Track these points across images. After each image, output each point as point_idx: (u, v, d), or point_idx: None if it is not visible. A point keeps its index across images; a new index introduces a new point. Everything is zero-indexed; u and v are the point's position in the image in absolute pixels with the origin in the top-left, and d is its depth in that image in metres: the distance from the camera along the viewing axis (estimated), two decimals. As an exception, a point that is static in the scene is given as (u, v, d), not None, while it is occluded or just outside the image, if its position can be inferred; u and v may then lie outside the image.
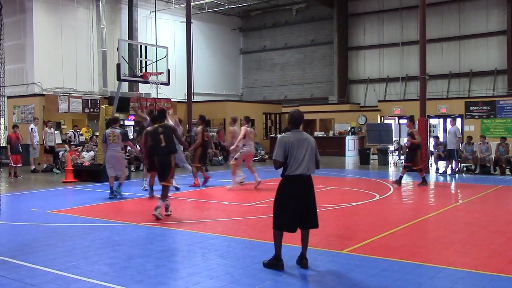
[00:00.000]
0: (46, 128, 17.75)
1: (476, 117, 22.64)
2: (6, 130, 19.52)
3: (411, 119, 13.91)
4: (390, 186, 13.09)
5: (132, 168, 16.70)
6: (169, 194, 9.14)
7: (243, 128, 12.56)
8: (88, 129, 20.79)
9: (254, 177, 12.60)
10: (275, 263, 5.47)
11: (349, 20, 31.39)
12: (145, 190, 11.89)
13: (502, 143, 16.60)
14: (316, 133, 27.78)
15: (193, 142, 14.80)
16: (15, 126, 16.92)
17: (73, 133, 19.86)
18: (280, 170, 5.64)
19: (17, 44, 23.71)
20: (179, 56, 25.13)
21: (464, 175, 16.24)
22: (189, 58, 22.30)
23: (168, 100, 24.73)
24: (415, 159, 12.90)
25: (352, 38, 31.37)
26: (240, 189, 12.30)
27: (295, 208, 5.42)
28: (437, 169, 17.16)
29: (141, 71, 15.12)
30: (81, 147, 18.21)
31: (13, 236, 7.38)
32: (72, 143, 18.94)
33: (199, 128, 13.16)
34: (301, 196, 5.46)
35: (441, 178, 15.61)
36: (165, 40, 26.23)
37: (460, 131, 15.79)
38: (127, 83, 22.57)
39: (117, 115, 14.60)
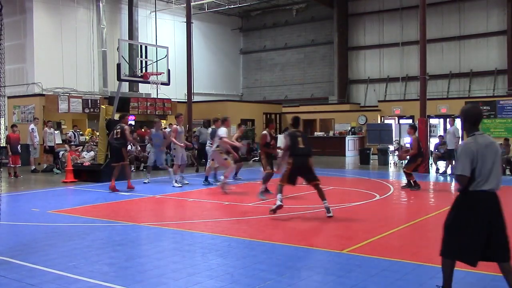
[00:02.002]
0: (46, 128, 17.75)
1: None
2: (6, 130, 19.52)
3: (413, 126, 13.50)
4: (390, 186, 13.09)
5: (132, 168, 16.69)
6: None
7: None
8: (94, 132, 20.62)
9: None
10: None
11: (349, 20, 31.38)
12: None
13: (504, 144, 16.58)
14: (316, 133, 27.81)
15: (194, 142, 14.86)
16: (14, 126, 16.89)
17: (73, 133, 19.85)
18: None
19: (17, 44, 23.71)
20: (179, 56, 25.13)
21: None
22: (189, 58, 22.30)
23: (168, 100, 24.76)
24: (410, 164, 12.63)
25: (352, 38, 31.36)
26: (240, 189, 12.29)
27: (479, 234, 4.25)
28: (437, 169, 17.16)
29: (141, 71, 15.12)
30: (81, 147, 18.21)
31: (13, 236, 7.38)
32: (72, 143, 18.94)
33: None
34: (489, 218, 4.27)
35: (441, 178, 15.60)
36: (165, 40, 26.22)
37: (460, 131, 15.77)
38: (127, 83, 22.57)
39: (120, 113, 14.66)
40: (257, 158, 22.39)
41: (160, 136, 14.05)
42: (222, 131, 12.06)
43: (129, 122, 14.99)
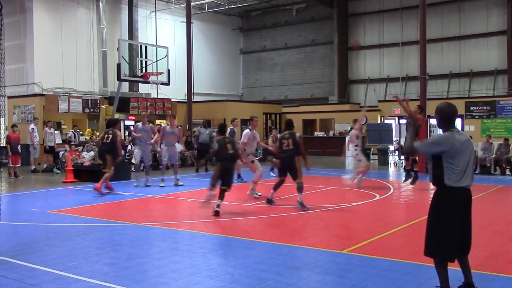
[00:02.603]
0: (46, 128, 17.75)
1: (476, 117, 22.64)
2: (6, 130, 19.53)
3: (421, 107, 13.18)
4: (390, 186, 13.09)
5: (132, 169, 16.68)
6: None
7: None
8: (94, 132, 20.63)
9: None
10: None
11: (349, 20, 31.37)
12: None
13: (504, 144, 16.58)
14: (316, 133, 27.81)
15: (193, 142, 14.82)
16: (14, 126, 16.90)
17: (73, 133, 19.85)
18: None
19: (17, 44, 23.70)
20: (179, 56, 25.13)
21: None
22: (189, 58, 22.30)
23: (168, 100, 24.76)
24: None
25: (352, 38, 31.34)
26: (240, 190, 12.27)
27: (457, 231, 4.41)
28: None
29: (141, 71, 15.15)
30: (81, 147, 18.21)
31: (13, 236, 7.38)
32: (72, 143, 18.94)
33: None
34: (465, 214, 4.47)
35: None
36: (165, 40, 26.22)
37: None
38: (127, 83, 22.57)
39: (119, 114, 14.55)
40: (257, 158, 22.39)
41: (148, 131, 13.47)
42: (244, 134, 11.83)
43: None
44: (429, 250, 4.48)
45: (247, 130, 11.89)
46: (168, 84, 15.91)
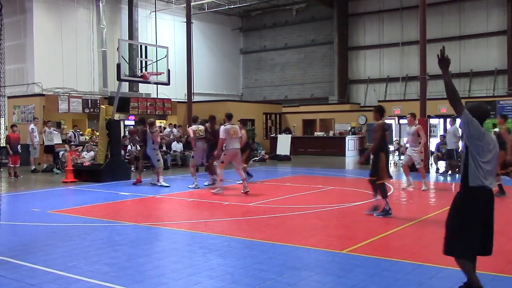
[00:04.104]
0: (46, 127, 17.76)
1: (476, 117, 22.61)
2: (6, 130, 19.53)
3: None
4: (390, 186, 13.08)
5: (132, 168, 16.71)
6: None
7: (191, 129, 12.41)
8: (93, 132, 20.63)
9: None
10: None
11: (349, 20, 31.38)
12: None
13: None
14: (316, 133, 27.82)
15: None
16: (13, 126, 16.90)
17: (73, 133, 19.86)
18: None
19: (17, 44, 23.70)
20: (179, 56, 25.13)
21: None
22: (189, 58, 22.29)
23: (168, 100, 24.76)
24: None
25: (352, 38, 31.36)
26: (239, 190, 12.27)
27: (479, 230, 4.34)
28: (437, 169, 17.15)
29: (141, 71, 15.12)
30: (81, 147, 18.21)
31: (13, 236, 7.38)
32: (72, 143, 18.95)
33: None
34: (488, 215, 4.39)
35: (441, 178, 15.60)
36: (165, 40, 26.23)
37: (460, 131, 15.75)
38: (127, 83, 22.57)
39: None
40: (257, 158, 22.42)
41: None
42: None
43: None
44: (449, 249, 4.43)
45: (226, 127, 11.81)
46: (168, 84, 15.88)
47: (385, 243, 6.84)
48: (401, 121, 24.00)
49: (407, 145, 13.37)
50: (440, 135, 19.06)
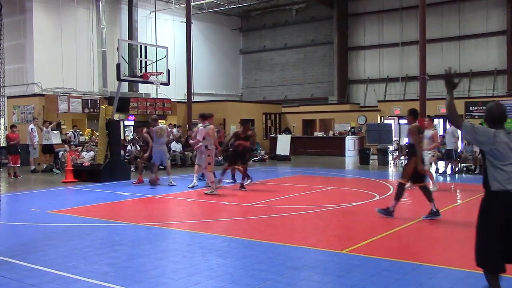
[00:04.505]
0: (43, 127, 17.75)
1: (476, 117, 22.63)
2: (6, 130, 19.53)
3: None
4: (390, 186, 13.08)
5: (132, 168, 16.70)
6: None
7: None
8: (93, 132, 20.63)
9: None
10: None
11: (349, 20, 31.38)
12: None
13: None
14: (316, 133, 27.82)
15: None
16: (13, 126, 16.90)
17: (73, 133, 19.85)
18: None
19: (17, 44, 23.70)
20: (179, 56, 25.13)
21: (464, 175, 16.23)
22: (189, 58, 22.30)
23: (168, 100, 24.75)
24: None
25: (352, 38, 31.37)
26: (239, 190, 12.27)
27: (497, 239, 4.03)
28: (437, 169, 17.16)
29: (141, 71, 15.11)
30: (81, 147, 18.21)
31: (12, 236, 7.38)
32: (72, 143, 18.94)
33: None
34: (506, 221, 4.02)
35: (441, 178, 15.60)
36: (165, 40, 26.22)
37: (459, 132, 15.75)
38: (127, 83, 22.56)
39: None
40: (257, 158, 22.41)
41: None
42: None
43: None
44: (476, 259, 4.18)
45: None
46: (168, 84, 15.87)
47: (385, 243, 6.84)
48: (401, 121, 24.02)
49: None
50: (439, 135, 19.04)
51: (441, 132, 21.69)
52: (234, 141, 12.83)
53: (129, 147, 18.07)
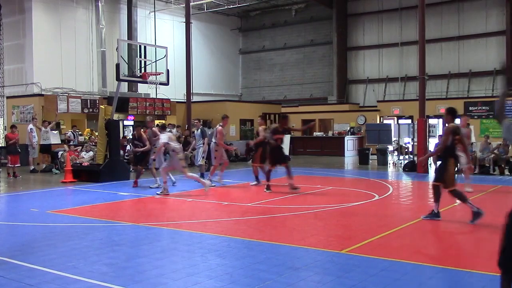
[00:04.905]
0: (42, 127, 17.75)
1: (475, 117, 22.66)
2: (5, 130, 19.53)
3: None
4: (389, 186, 13.09)
5: (131, 168, 16.66)
6: None
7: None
8: (93, 132, 20.64)
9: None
10: None
11: (349, 20, 31.40)
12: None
13: (503, 144, 16.56)
14: (315, 133, 27.82)
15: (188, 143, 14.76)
16: (13, 126, 16.90)
17: (72, 133, 19.83)
18: None
19: (17, 44, 23.69)
20: (178, 56, 25.12)
21: (463, 175, 16.20)
22: (188, 58, 22.29)
23: (168, 100, 24.74)
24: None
25: (351, 38, 31.38)
26: (239, 190, 12.27)
27: None
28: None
29: (140, 71, 15.10)
30: (80, 147, 18.20)
31: (12, 236, 7.37)
32: (71, 143, 18.93)
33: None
34: None
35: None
36: (164, 40, 26.23)
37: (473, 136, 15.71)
38: (126, 83, 22.56)
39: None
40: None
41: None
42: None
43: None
44: (500, 259, 3.98)
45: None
46: (167, 84, 15.87)
47: (385, 243, 6.84)
48: (400, 121, 24.03)
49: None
50: (439, 135, 19.04)
51: (440, 132, 21.71)
52: (272, 136, 12.04)
53: (128, 147, 18.05)
